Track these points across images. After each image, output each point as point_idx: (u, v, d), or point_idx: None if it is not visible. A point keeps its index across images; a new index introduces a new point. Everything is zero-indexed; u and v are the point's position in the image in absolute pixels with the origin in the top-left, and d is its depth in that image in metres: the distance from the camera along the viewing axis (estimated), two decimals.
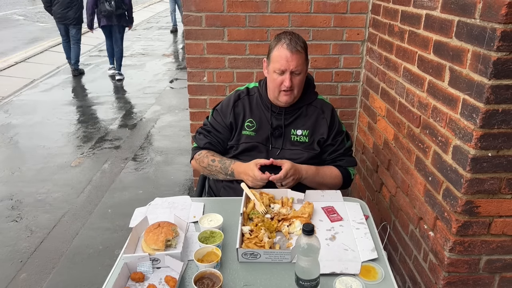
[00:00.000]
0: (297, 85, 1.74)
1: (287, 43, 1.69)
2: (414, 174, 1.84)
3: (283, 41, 1.70)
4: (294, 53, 1.68)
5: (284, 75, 1.71)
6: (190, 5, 2.44)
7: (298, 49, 1.69)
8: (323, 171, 1.83)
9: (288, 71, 1.70)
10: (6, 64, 7.68)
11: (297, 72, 1.72)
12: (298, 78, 1.74)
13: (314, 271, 1.19)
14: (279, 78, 1.73)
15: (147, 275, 1.30)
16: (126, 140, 4.57)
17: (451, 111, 1.51)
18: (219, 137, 1.90)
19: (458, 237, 1.52)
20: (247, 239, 1.42)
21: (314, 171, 1.79)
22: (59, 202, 3.31)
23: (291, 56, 1.68)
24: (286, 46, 1.69)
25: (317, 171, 1.80)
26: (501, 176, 1.43)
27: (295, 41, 1.70)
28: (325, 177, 1.83)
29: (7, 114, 5.36)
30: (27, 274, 2.52)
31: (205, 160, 1.86)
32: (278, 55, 1.70)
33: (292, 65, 1.69)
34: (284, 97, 1.76)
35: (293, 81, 1.72)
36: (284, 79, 1.71)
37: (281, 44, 1.70)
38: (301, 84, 1.77)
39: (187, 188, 3.53)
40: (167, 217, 1.53)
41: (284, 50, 1.69)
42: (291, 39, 1.70)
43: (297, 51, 1.69)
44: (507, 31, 1.23)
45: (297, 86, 1.75)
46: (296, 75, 1.72)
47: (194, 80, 2.62)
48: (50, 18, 7.91)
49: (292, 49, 1.68)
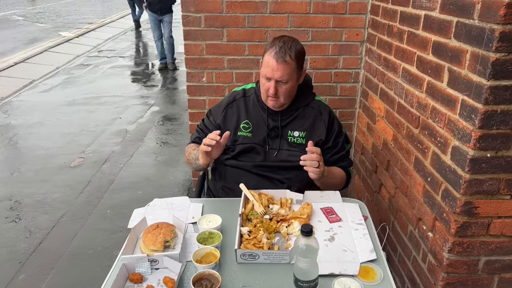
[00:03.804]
0: (282, 93, 1.72)
1: (275, 51, 1.66)
2: (413, 175, 1.84)
3: (273, 48, 1.67)
4: (280, 63, 1.65)
5: (270, 82, 1.70)
6: (189, 6, 2.44)
7: (286, 59, 1.65)
8: (334, 172, 1.84)
9: (273, 80, 1.68)
10: (6, 64, 7.67)
11: (283, 81, 1.69)
12: (285, 87, 1.71)
13: (313, 272, 1.18)
14: (266, 84, 1.72)
15: (146, 276, 1.30)
16: (125, 140, 4.57)
17: (450, 112, 1.51)
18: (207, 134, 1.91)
19: (457, 238, 1.52)
20: (246, 240, 1.42)
21: (329, 170, 1.78)
22: (58, 203, 3.31)
23: (277, 65, 1.65)
24: (274, 54, 1.65)
25: (330, 170, 1.80)
26: (500, 177, 1.42)
27: (284, 50, 1.65)
28: (336, 177, 1.85)
29: (6, 115, 5.35)
30: (26, 275, 2.52)
31: (188, 150, 1.92)
32: (266, 62, 1.69)
33: (277, 75, 1.66)
34: (270, 102, 1.76)
35: (279, 89, 1.70)
36: (270, 86, 1.70)
37: (271, 51, 1.67)
38: (288, 93, 1.74)
39: (186, 189, 3.53)
40: (166, 218, 1.53)
41: (271, 58, 1.66)
42: (282, 47, 1.66)
43: (284, 61, 1.65)
44: (506, 32, 1.23)
45: (283, 94, 1.73)
46: (282, 84, 1.70)
47: (193, 81, 2.62)
48: (49, 19, 7.91)
49: (279, 58, 1.64)
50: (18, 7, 17.63)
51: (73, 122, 5.11)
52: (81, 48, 9.70)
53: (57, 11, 17.24)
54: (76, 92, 6.35)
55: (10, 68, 7.53)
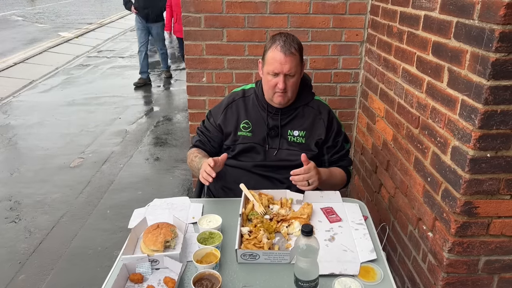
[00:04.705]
0: (291, 87, 1.74)
1: (281, 45, 1.68)
2: (413, 175, 1.84)
3: (277, 43, 1.69)
4: (287, 55, 1.67)
5: (277, 77, 1.71)
6: (189, 6, 2.44)
7: (292, 51, 1.68)
8: (334, 173, 1.85)
9: (282, 74, 1.69)
10: (5, 65, 7.68)
11: (291, 75, 1.71)
12: (292, 80, 1.73)
13: (313, 272, 1.19)
14: (273, 80, 1.72)
15: (146, 276, 1.30)
16: (125, 140, 4.57)
17: (450, 112, 1.51)
18: (209, 136, 1.93)
19: (457, 237, 1.52)
20: (246, 240, 1.42)
21: (328, 173, 1.80)
22: (58, 203, 3.31)
23: (285, 58, 1.67)
24: (280, 48, 1.67)
25: (330, 172, 1.82)
26: (499, 177, 1.43)
27: (289, 43, 1.69)
28: (337, 179, 1.85)
29: (6, 115, 5.35)
30: (26, 276, 2.52)
31: (190, 156, 1.91)
32: (272, 57, 1.69)
33: (286, 68, 1.68)
34: (278, 98, 1.76)
35: (287, 83, 1.72)
36: (278, 81, 1.71)
37: (275, 46, 1.69)
38: (295, 86, 1.77)
39: (186, 189, 3.53)
40: (166, 218, 1.53)
41: (278, 53, 1.68)
42: (286, 41, 1.69)
43: (291, 53, 1.68)
44: (506, 32, 1.23)
45: (291, 88, 1.75)
46: (290, 77, 1.72)
47: (193, 81, 2.62)
48: (49, 19, 7.89)
49: (286, 51, 1.67)
50: (18, 8, 17.63)
51: (72, 122, 5.11)
52: (81, 48, 9.70)
53: (56, 11, 17.24)
54: (76, 93, 6.35)
55: (9, 69, 7.53)
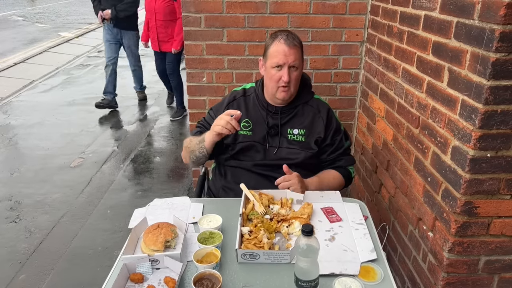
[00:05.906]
0: (294, 80, 1.76)
1: (284, 39, 1.73)
2: (413, 175, 1.84)
3: (280, 37, 1.74)
4: (291, 47, 1.72)
5: (282, 70, 1.73)
6: (189, 6, 2.44)
7: (296, 43, 1.74)
8: (327, 178, 1.85)
9: (286, 65, 1.72)
10: (5, 65, 7.67)
11: (295, 66, 1.74)
12: (295, 73, 1.76)
13: (314, 272, 1.19)
14: (277, 74, 1.74)
15: (147, 276, 1.30)
16: (125, 140, 4.57)
17: (450, 112, 1.51)
18: None
19: (457, 237, 1.52)
20: (247, 240, 1.42)
21: (317, 181, 1.80)
22: (58, 203, 3.31)
23: (289, 50, 1.71)
24: (284, 41, 1.72)
25: (320, 180, 1.82)
26: (500, 177, 1.43)
27: (292, 37, 1.75)
28: (330, 184, 1.85)
29: (6, 115, 5.35)
30: (26, 275, 2.52)
31: (187, 140, 1.93)
32: (276, 50, 1.73)
33: (290, 59, 1.72)
34: (282, 94, 1.78)
35: (291, 76, 1.74)
36: (282, 74, 1.73)
37: (278, 40, 1.74)
38: (297, 81, 1.79)
39: (186, 189, 3.53)
40: (166, 218, 1.52)
41: (282, 45, 1.72)
42: (288, 35, 1.75)
43: (295, 45, 1.73)
44: (506, 32, 1.23)
45: (294, 82, 1.77)
46: (293, 70, 1.75)
47: (193, 81, 2.63)
48: (49, 19, 7.88)
49: (290, 43, 1.72)
50: (18, 8, 17.63)
51: (73, 122, 5.11)
52: (81, 48, 9.69)
53: (56, 11, 17.24)
54: (76, 92, 6.34)
55: (9, 69, 7.53)
